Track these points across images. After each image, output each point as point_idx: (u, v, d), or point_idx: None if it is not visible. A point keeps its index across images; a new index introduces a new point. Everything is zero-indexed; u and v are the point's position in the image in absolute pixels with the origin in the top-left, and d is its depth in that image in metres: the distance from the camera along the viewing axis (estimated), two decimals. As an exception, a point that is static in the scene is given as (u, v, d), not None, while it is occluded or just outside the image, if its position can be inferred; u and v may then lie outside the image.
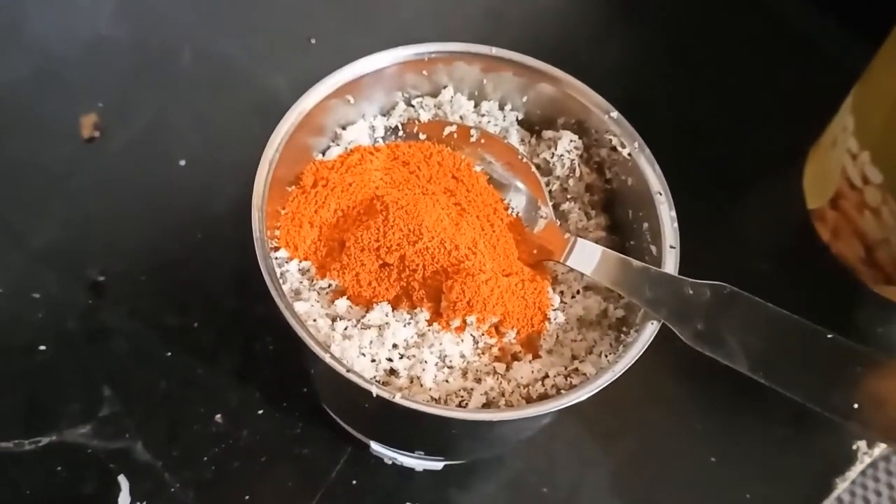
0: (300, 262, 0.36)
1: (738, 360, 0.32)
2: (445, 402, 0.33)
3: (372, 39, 0.50)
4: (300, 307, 0.34)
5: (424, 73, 0.39)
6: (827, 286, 0.50)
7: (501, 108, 0.41)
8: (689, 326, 0.32)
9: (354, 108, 0.39)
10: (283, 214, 0.36)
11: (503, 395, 0.34)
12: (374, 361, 0.34)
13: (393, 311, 0.35)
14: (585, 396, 0.32)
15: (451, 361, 0.34)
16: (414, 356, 0.34)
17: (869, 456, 0.45)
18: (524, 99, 0.40)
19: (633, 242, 0.38)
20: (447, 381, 0.34)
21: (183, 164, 0.50)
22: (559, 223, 0.38)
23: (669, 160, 0.37)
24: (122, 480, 0.40)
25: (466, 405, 0.33)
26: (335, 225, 0.36)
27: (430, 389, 0.33)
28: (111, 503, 0.40)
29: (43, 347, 0.43)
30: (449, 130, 0.39)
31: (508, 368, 0.35)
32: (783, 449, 0.45)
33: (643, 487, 0.44)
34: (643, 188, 0.37)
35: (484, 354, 0.35)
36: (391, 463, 0.42)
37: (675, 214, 0.36)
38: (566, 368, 0.35)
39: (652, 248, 0.36)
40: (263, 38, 0.55)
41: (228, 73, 0.54)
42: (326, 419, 0.42)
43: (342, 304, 0.35)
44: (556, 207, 0.39)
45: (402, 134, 0.40)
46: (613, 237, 0.39)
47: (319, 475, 0.42)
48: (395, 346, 0.34)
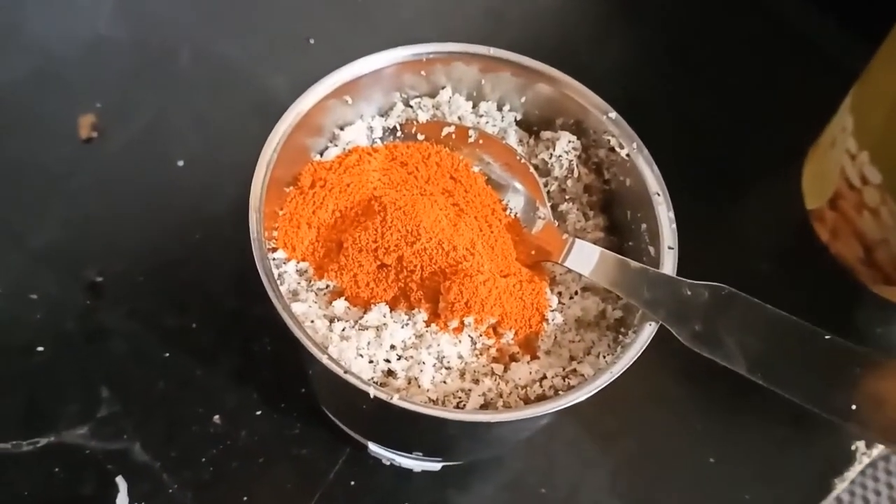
0: (298, 262, 0.36)
1: (736, 361, 0.32)
2: (443, 403, 0.33)
3: (372, 40, 0.50)
4: (298, 308, 0.34)
5: (422, 73, 0.39)
6: (826, 286, 0.50)
7: (500, 108, 0.41)
8: (687, 327, 0.32)
9: (352, 108, 0.39)
10: (280, 215, 0.36)
11: (501, 396, 0.34)
12: (371, 362, 0.34)
13: (391, 311, 0.35)
14: (583, 397, 0.32)
15: (448, 362, 0.34)
16: (412, 357, 0.34)
17: (868, 456, 0.45)
18: (522, 99, 0.40)
19: (631, 243, 0.38)
20: (445, 382, 0.34)
21: (182, 164, 0.50)
22: (557, 224, 0.38)
23: (669, 160, 0.37)
24: (120, 481, 0.40)
25: (464, 406, 0.33)
26: (333, 226, 0.36)
27: (427, 390, 0.33)
28: (109, 504, 0.40)
29: (41, 348, 0.43)
30: (447, 131, 0.39)
31: (506, 369, 0.35)
32: (783, 449, 0.45)
33: (643, 488, 0.44)
34: (641, 189, 0.37)
35: (482, 355, 0.35)
36: (389, 464, 0.42)
37: (673, 215, 0.36)
38: (564, 369, 0.35)
39: (650, 248, 0.36)
40: (263, 38, 0.55)
41: (228, 73, 0.54)
42: (325, 420, 0.42)
43: (340, 304, 0.35)
44: (554, 208, 0.39)
45: (400, 134, 0.40)
46: (612, 238, 0.39)
47: (318, 476, 0.42)
48: (392, 347, 0.34)
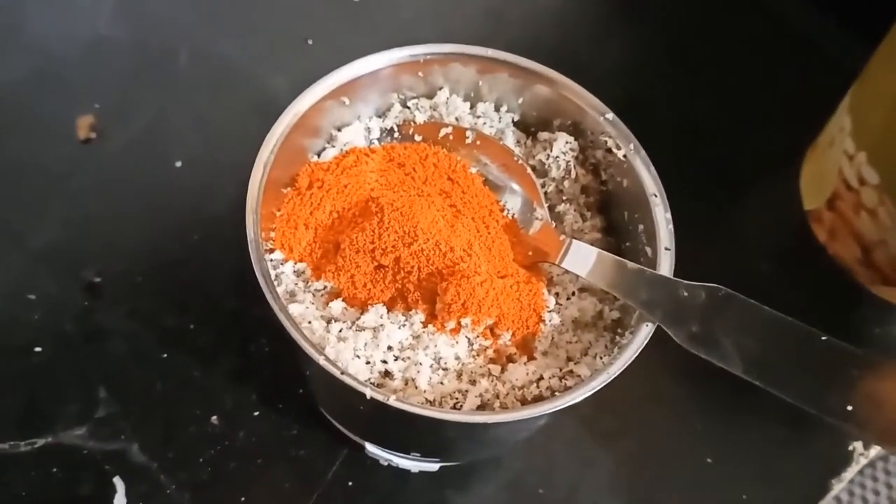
0: (295, 263, 0.36)
1: (732, 362, 0.32)
2: (440, 404, 0.33)
3: (371, 40, 0.50)
4: (295, 309, 0.34)
5: (420, 74, 0.39)
6: (824, 287, 0.50)
7: (497, 109, 0.41)
8: (683, 328, 0.32)
9: (350, 109, 0.39)
10: (278, 216, 0.36)
11: (498, 397, 0.34)
12: (368, 363, 0.34)
13: (388, 312, 0.35)
14: (580, 398, 0.32)
15: (445, 363, 0.34)
16: (409, 358, 0.34)
17: (865, 457, 0.45)
18: (520, 100, 0.40)
19: (628, 244, 0.38)
20: (442, 383, 0.34)
21: (182, 164, 0.50)
22: (554, 225, 0.38)
23: (669, 160, 0.37)
24: (117, 482, 0.41)
25: (461, 407, 0.33)
26: (330, 227, 0.36)
27: (424, 391, 0.33)
28: (107, 505, 0.40)
29: (39, 349, 0.43)
30: (444, 132, 0.39)
31: (503, 370, 0.35)
32: (781, 449, 0.45)
33: (642, 488, 0.44)
34: (639, 190, 0.37)
35: (479, 356, 0.35)
36: (387, 464, 0.42)
37: (670, 216, 0.36)
38: (561, 370, 0.35)
39: (647, 249, 0.36)
40: (263, 38, 0.55)
41: (227, 73, 0.54)
42: (322, 421, 0.42)
43: (337, 305, 0.35)
44: (551, 209, 0.39)
45: (397, 135, 0.40)
46: (609, 239, 0.39)
47: (315, 477, 0.42)
48: (389, 347, 0.34)
